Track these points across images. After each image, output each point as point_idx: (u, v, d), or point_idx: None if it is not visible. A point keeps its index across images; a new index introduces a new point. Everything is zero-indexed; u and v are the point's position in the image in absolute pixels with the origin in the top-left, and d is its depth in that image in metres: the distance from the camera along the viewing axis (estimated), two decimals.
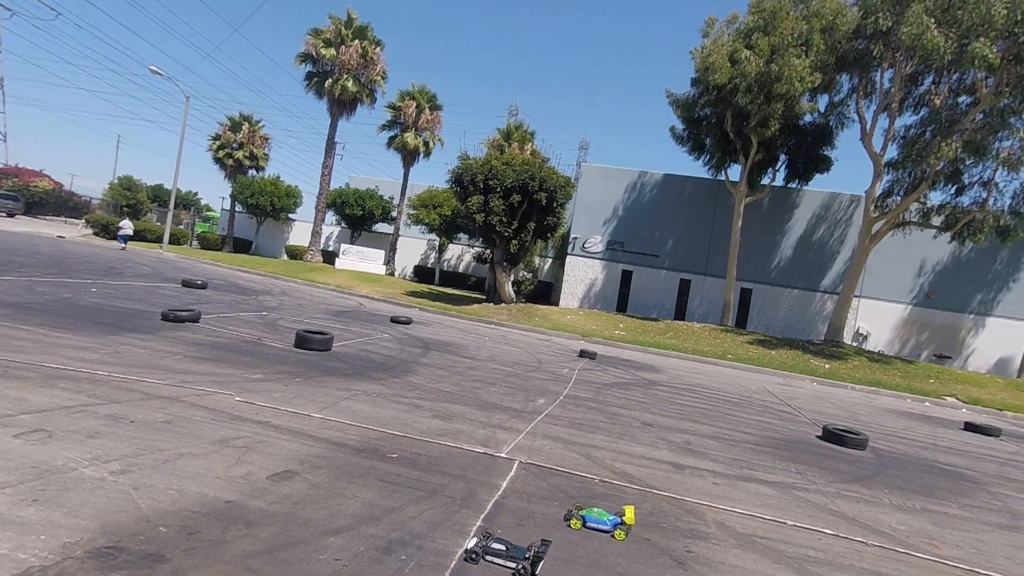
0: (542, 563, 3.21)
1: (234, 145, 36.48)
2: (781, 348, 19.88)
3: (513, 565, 3.13)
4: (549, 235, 23.37)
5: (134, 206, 43.84)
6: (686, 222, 27.42)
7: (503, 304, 22.91)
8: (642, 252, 27.74)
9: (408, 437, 5.22)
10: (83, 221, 32.55)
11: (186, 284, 15.02)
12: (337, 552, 3.06)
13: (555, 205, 21.01)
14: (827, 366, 17.95)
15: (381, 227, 37.42)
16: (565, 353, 14.07)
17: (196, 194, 58.24)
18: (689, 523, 4.22)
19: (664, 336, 20.34)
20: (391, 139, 34.06)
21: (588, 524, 3.87)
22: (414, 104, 33.15)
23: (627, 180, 28.31)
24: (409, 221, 32.66)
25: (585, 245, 28.28)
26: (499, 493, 4.25)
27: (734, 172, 24.65)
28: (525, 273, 31.13)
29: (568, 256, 28.68)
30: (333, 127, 32.64)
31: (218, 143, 36.48)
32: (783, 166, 24.52)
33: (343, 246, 33.34)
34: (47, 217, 43.78)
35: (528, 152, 29.33)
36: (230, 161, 36.33)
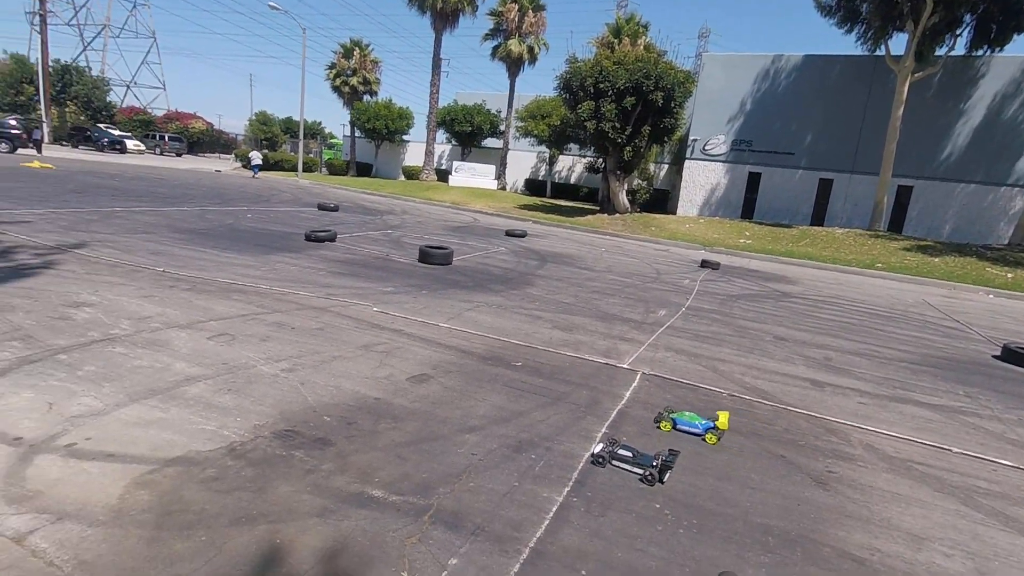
0: (670, 472, 3.25)
1: (348, 72, 37.59)
2: (947, 255, 17.35)
3: (640, 471, 3.19)
4: (666, 139, 21.81)
5: (270, 139, 47.67)
6: (829, 111, 24.04)
7: (617, 215, 22.27)
8: (773, 151, 25.06)
9: (531, 347, 5.44)
10: (232, 156, 36.12)
11: (321, 208, 16.36)
12: (473, 447, 3.36)
13: (672, 105, 19.37)
14: (1010, 275, 15.41)
15: (490, 142, 37.33)
16: (685, 263, 13.53)
17: (320, 123, 61.82)
18: (830, 443, 4.02)
19: (798, 244, 18.69)
20: (495, 49, 32.96)
21: (679, 427, 3.84)
22: (516, 7, 31.46)
23: (757, 68, 25.17)
24: (518, 134, 32.15)
25: (706, 147, 26.14)
26: (623, 402, 4.34)
27: (897, 44, 20.85)
28: (640, 181, 29.70)
29: (687, 161, 26.79)
30: (438, 43, 32.23)
31: (334, 71, 37.79)
32: (967, 29, 20.07)
33: (455, 163, 33.92)
34: (204, 154, 49.23)
35: (641, 47, 26.93)
36: (346, 88, 37.65)
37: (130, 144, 37.78)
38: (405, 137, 39.35)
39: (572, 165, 35.39)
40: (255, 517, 2.49)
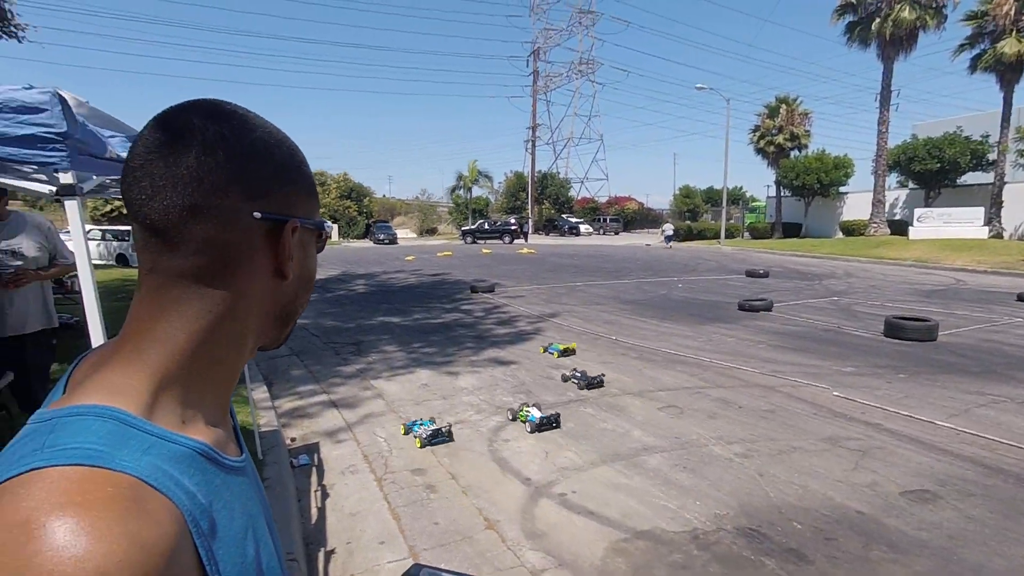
0: None
1: (773, 131, 36.38)
2: None
3: None
4: None
5: (692, 210, 50.41)
6: None
7: None
8: None
9: None
10: (659, 230, 39.69)
11: (749, 274, 15.79)
12: None
13: None
14: None
15: (972, 178, 28.92)
16: None
17: (741, 188, 61.76)
18: None
19: None
20: (975, 59, 25.85)
21: None
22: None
23: None
24: (1022, 161, 23.82)
25: None
26: None
27: None
28: None
29: None
30: (887, 74, 27.69)
31: (758, 133, 37.24)
32: None
33: (916, 211, 27.62)
34: (635, 231, 56.05)
35: None
36: (771, 148, 36.41)
37: (582, 228, 46.48)
38: (843, 189, 34.86)
39: None
40: None
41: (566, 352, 6.52)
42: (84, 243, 1.83)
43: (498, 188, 53.54)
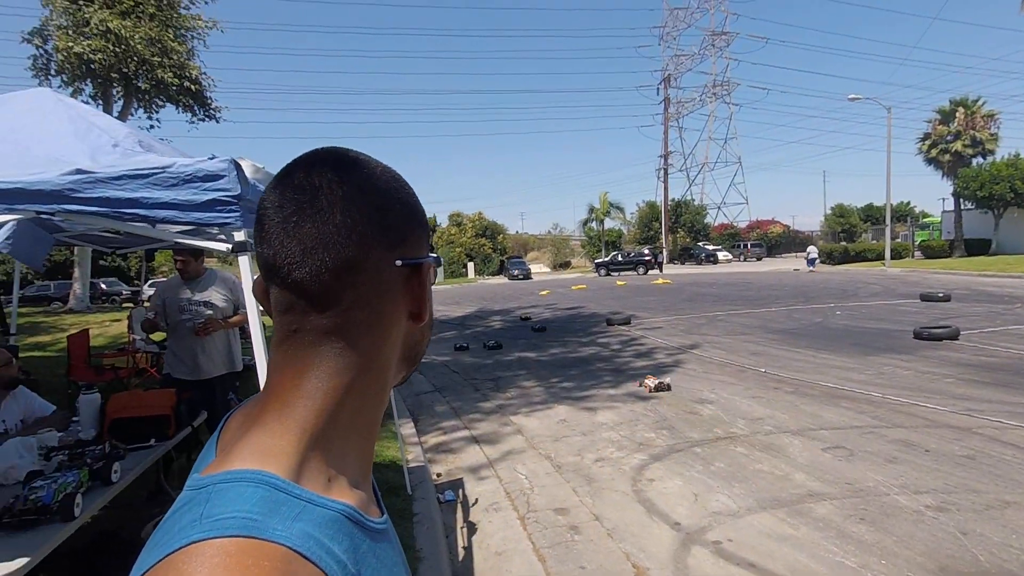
0: None
1: (948, 138, 31.79)
2: None
3: None
4: None
5: (848, 230, 45.36)
6: None
7: None
8: None
9: None
10: (804, 254, 36.27)
11: (925, 298, 13.72)
12: None
13: None
14: None
15: None
16: None
17: (908, 203, 54.42)
18: None
19: None
20: None
21: None
22: None
23: None
24: None
25: None
26: None
27: None
28: None
29: None
30: None
31: (928, 142, 32.76)
32: None
33: None
34: (781, 255, 51.70)
35: None
36: (946, 156, 31.76)
37: (720, 255, 43.95)
38: None
39: None
40: None
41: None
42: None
43: (631, 219, 52.90)
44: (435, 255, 0.53)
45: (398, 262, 0.47)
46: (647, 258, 36.74)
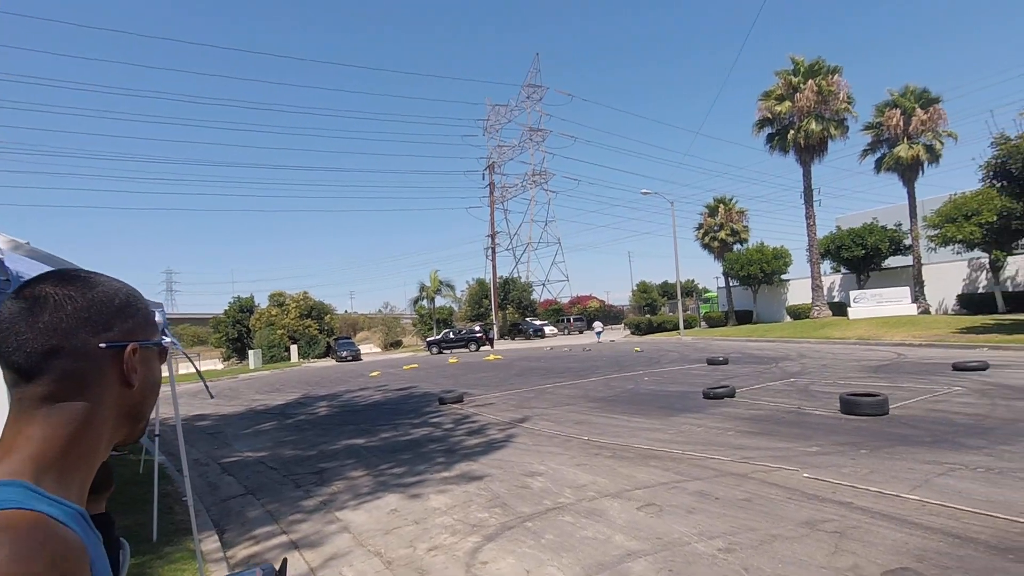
0: None
1: (715, 228, 39.12)
2: None
3: None
4: None
5: (651, 304, 52.09)
6: None
7: None
8: None
9: None
10: (622, 325, 40.65)
11: (710, 362, 16.18)
12: None
13: None
14: None
15: (893, 261, 31.48)
16: None
17: (693, 280, 64.77)
18: None
19: None
20: (878, 161, 29.32)
21: None
22: (897, 112, 27.88)
23: None
24: (932, 245, 26.20)
25: None
26: None
27: None
28: None
29: None
30: (807, 176, 30.81)
31: (702, 230, 39.93)
32: None
33: (853, 293, 29.49)
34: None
35: None
36: (715, 243, 38.92)
37: (547, 330, 46.98)
38: (784, 277, 37.06)
39: None
40: None
41: None
42: None
43: (461, 296, 54.25)
44: (159, 340, 0.74)
45: (102, 344, 0.66)
46: (478, 335, 37.72)
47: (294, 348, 41.01)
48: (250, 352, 38.95)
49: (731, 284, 38.47)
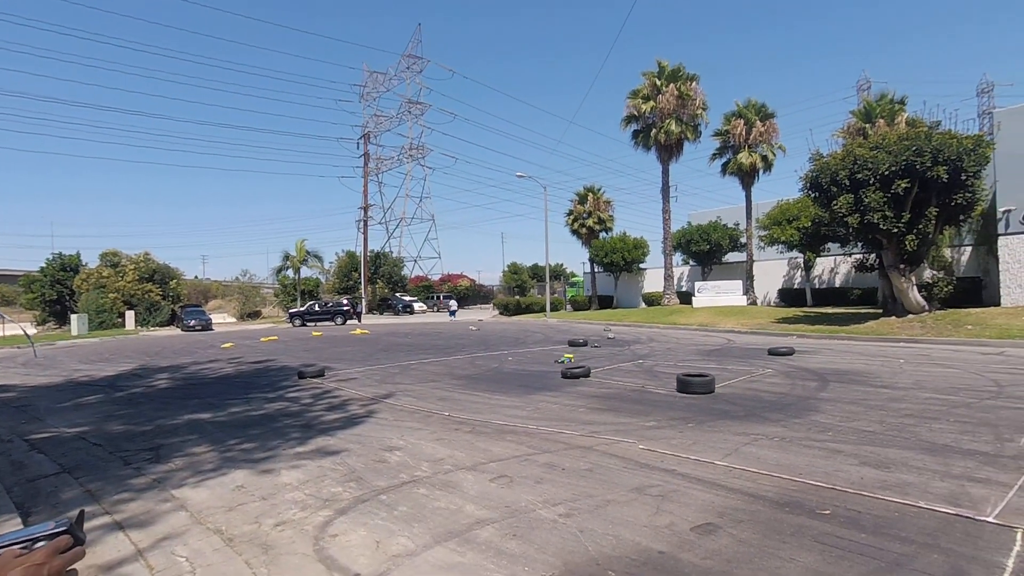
0: None
1: (584, 215, 41.32)
2: None
3: None
4: (962, 218, 18.00)
5: (521, 285, 53.88)
6: None
7: (911, 315, 18.39)
8: None
9: (835, 489, 4.46)
10: (491, 305, 41.52)
11: (572, 344, 17.23)
12: None
13: (963, 178, 16.15)
14: None
15: (732, 257, 35.76)
16: None
17: (562, 264, 68.07)
18: None
19: None
20: (724, 165, 32.91)
21: None
22: (741, 122, 31.43)
23: None
24: (762, 244, 30.22)
25: None
26: None
27: None
28: (934, 272, 24.53)
29: (1001, 238, 21.35)
30: (665, 173, 33.63)
31: (572, 216, 41.95)
32: None
33: (697, 284, 33.05)
34: (469, 307, 57.83)
35: (901, 125, 23.86)
36: (583, 230, 41.16)
37: (416, 306, 46.68)
38: (642, 266, 40.33)
39: (835, 267, 31.37)
40: None
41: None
42: None
43: (329, 268, 51.68)
44: None
45: None
46: (346, 308, 36.40)
47: (130, 315, 36.36)
48: (73, 316, 33.79)
49: (596, 270, 41.00)
